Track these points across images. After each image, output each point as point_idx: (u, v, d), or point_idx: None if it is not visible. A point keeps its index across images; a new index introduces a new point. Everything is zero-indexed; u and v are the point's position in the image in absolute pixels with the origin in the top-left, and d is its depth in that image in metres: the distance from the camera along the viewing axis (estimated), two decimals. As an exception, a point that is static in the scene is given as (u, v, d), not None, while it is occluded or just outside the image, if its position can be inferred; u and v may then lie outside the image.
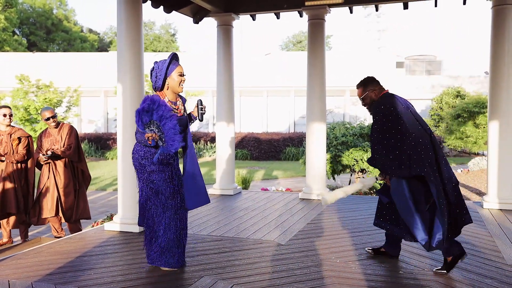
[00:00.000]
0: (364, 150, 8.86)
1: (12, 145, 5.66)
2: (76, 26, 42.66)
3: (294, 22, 75.92)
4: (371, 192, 8.41)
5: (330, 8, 6.93)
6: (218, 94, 7.48)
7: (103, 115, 24.98)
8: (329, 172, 9.26)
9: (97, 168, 15.43)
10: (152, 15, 65.78)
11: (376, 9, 7.94)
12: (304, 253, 4.19)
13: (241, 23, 60.38)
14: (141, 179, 3.70)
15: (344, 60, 23.86)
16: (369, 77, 3.85)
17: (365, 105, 3.85)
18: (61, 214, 5.83)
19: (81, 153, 5.99)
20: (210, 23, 17.20)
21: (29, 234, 6.22)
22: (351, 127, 10.02)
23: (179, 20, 73.10)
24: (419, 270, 3.69)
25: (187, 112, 3.89)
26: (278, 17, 7.74)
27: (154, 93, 3.72)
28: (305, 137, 7.36)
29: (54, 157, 5.78)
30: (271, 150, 19.36)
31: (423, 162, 3.44)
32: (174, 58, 3.71)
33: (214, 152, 19.03)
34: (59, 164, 5.84)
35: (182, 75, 3.70)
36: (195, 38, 71.59)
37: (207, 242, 4.59)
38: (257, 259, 4.03)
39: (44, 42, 38.97)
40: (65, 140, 5.85)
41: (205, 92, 22.75)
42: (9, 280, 3.56)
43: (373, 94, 3.79)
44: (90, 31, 46.61)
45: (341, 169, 9.29)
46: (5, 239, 5.78)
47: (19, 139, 5.72)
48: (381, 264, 3.85)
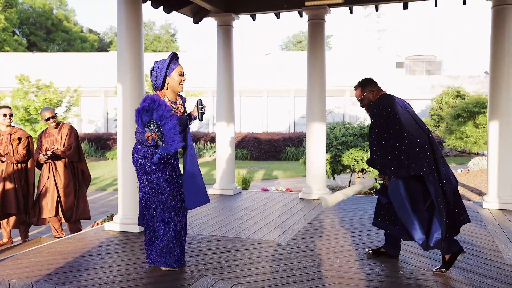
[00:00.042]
0: (364, 150, 8.86)
1: (12, 145, 5.67)
2: (76, 26, 42.67)
3: (294, 22, 75.99)
4: (371, 192, 8.41)
5: (330, 8, 6.94)
6: (218, 94, 7.48)
7: (103, 115, 24.99)
8: (329, 172, 9.26)
9: (97, 168, 15.44)
10: (152, 15, 65.88)
11: (376, 9, 7.94)
12: (304, 253, 4.19)
13: (241, 23, 60.40)
14: (141, 179, 3.71)
15: (344, 60, 23.86)
16: (367, 78, 3.87)
17: (363, 106, 3.87)
18: (61, 214, 5.83)
19: (81, 153, 5.99)
20: (210, 23, 17.18)
21: (29, 234, 6.22)
22: (351, 127, 10.02)
23: (179, 20, 73.20)
24: (419, 270, 3.69)
25: (187, 112, 3.90)
26: (278, 17, 7.75)
27: (154, 93, 3.72)
28: (305, 137, 7.36)
29: (54, 157, 5.78)
30: (271, 150, 19.37)
31: (422, 162, 3.45)
32: (174, 58, 3.71)
33: (214, 152, 19.03)
34: (59, 164, 5.84)
35: (182, 75, 3.70)
36: (195, 38, 71.66)
37: (207, 242, 4.59)
38: (257, 259, 4.04)
39: (44, 42, 38.98)
40: (65, 140, 5.85)
41: (205, 92, 22.75)
42: (9, 280, 3.56)
43: (371, 95, 3.80)
44: (90, 31, 46.62)
45: (341, 169, 9.29)
46: (5, 239, 5.78)
47: (19, 139, 5.72)
48: (381, 264, 3.85)
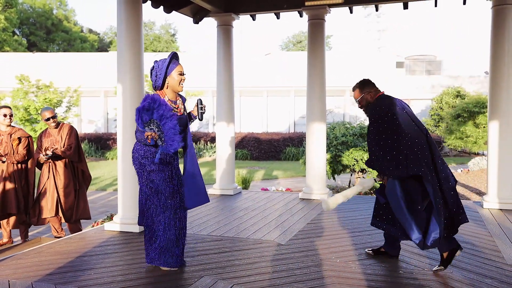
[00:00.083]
0: (364, 150, 8.86)
1: (13, 145, 5.67)
2: (76, 26, 42.67)
3: (294, 22, 75.99)
4: (371, 192, 8.41)
5: (330, 8, 6.94)
6: (218, 94, 7.48)
7: (103, 115, 24.98)
8: (329, 172, 9.26)
9: (97, 168, 15.43)
10: (152, 15, 65.88)
11: (376, 9, 7.94)
12: (304, 253, 4.19)
13: (241, 23, 60.45)
14: (141, 179, 3.71)
15: (344, 60, 23.86)
16: (365, 79, 3.89)
17: (362, 107, 3.89)
18: (61, 214, 5.83)
19: (81, 153, 5.99)
20: (210, 23, 17.19)
21: (29, 234, 6.22)
22: (351, 127, 10.02)
23: (179, 20, 73.22)
24: (419, 270, 3.69)
25: (187, 111, 3.90)
26: (278, 17, 7.75)
27: (154, 92, 3.72)
28: (305, 137, 7.36)
29: (54, 157, 5.78)
30: (271, 150, 19.36)
31: (420, 162, 3.47)
32: (174, 57, 3.71)
33: (214, 152, 19.03)
34: (59, 165, 5.84)
35: (182, 74, 3.70)
36: (195, 38, 71.67)
37: (207, 242, 4.59)
38: (257, 259, 4.04)
39: (44, 42, 38.98)
40: (65, 140, 5.85)
41: (205, 92, 22.75)
42: (9, 280, 3.56)
43: (369, 96, 3.82)
44: (90, 31, 46.62)
45: (341, 169, 9.29)
46: (5, 239, 5.78)
47: (19, 139, 5.72)
48: (381, 264, 3.85)
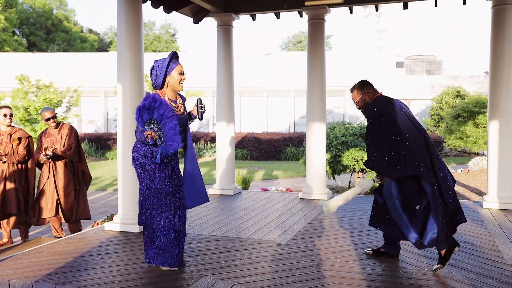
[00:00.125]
0: (364, 150, 8.86)
1: (13, 146, 5.67)
2: (76, 26, 42.66)
3: (294, 22, 75.97)
4: (372, 193, 8.40)
5: (330, 8, 6.94)
6: (218, 94, 7.48)
7: (103, 115, 24.98)
8: (329, 172, 9.26)
9: (97, 168, 15.44)
10: (152, 15, 65.86)
11: (376, 9, 7.94)
12: (304, 253, 4.20)
13: (241, 23, 60.44)
14: (141, 178, 3.71)
15: (344, 60, 23.85)
16: (363, 81, 3.91)
17: (360, 108, 3.91)
18: (61, 214, 5.83)
19: (82, 153, 5.99)
20: (210, 23, 17.19)
21: (29, 234, 6.22)
22: (351, 127, 10.02)
23: (179, 20, 73.18)
24: (419, 270, 3.69)
25: (187, 111, 3.90)
26: (278, 17, 7.75)
27: (155, 92, 3.72)
28: (305, 137, 7.36)
29: (55, 158, 5.78)
30: (271, 150, 19.36)
31: (419, 162, 3.48)
32: (174, 57, 3.72)
33: (214, 152, 19.03)
34: (59, 165, 5.84)
35: (182, 74, 3.71)
36: (195, 38, 71.65)
37: (207, 242, 4.59)
38: (257, 259, 4.04)
39: (44, 43, 38.97)
40: (65, 140, 5.85)
41: (205, 92, 22.75)
42: (9, 280, 3.56)
43: (367, 97, 3.83)
44: (90, 31, 46.61)
45: (341, 169, 9.29)
46: (5, 239, 5.79)
47: (20, 140, 5.72)
48: (381, 264, 3.85)
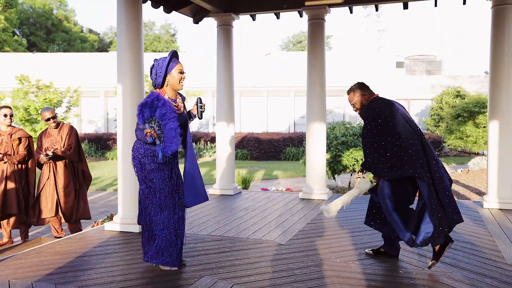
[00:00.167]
0: (364, 150, 8.86)
1: (13, 146, 5.67)
2: (76, 27, 42.66)
3: (294, 22, 75.98)
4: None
5: (330, 8, 6.94)
6: (218, 94, 7.49)
7: (103, 115, 24.97)
8: (329, 172, 9.26)
9: (97, 168, 15.44)
10: (152, 15, 65.85)
11: (376, 9, 7.94)
12: (304, 253, 4.20)
13: (241, 23, 60.43)
14: (140, 178, 3.71)
15: (344, 60, 23.84)
16: (359, 83, 3.95)
17: (357, 110, 3.95)
18: (61, 214, 5.83)
19: (82, 153, 5.99)
20: (210, 23, 17.20)
21: (29, 234, 6.22)
22: (351, 127, 10.02)
23: (179, 20, 73.18)
24: (419, 270, 3.69)
25: (187, 110, 3.91)
26: (278, 17, 7.75)
27: (155, 91, 3.72)
28: (305, 137, 7.36)
29: (55, 158, 5.78)
30: (271, 150, 19.36)
31: (415, 163, 3.49)
32: (174, 56, 3.72)
33: (214, 152, 19.03)
34: (59, 165, 5.84)
35: (182, 73, 3.71)
36: (195, 38, 71.65)
37: (207, 242, 4.59)
38: (257, 259, 4.04)
39: (44, 43, 38.97)
40: (65, 140, 5.85)
41: (205, 92, 22.75)
42: (9, 280, 3.56)
43: (363, 99, 3.87)
44: (90, 31, 46.61)
45: (341, 169, 9.29)
46: (6, 240, 5.79)
47: (20, 140, 5.72)
48: (381, 264, 3.85)
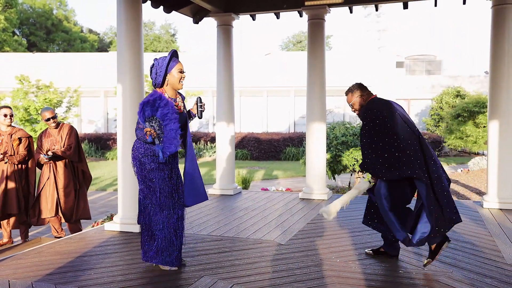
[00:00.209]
0: (364, 150, 8.86)
1: (13, 146, 5.67)
2: (76, 27, 42.65)
3: (294, 22, 75.94)
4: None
5: (330, 8, 6.94)
6: (218, 94, 7.49)
7: (103, 115, 24.97)
8: (329, 172, 9.26)
9: (97, 168, 15.43)
10: (152, 15, 65.81)
11: (376, 9, 7.94)
12: (304, 253, 4.20)
13: (241, 23, 60.42)
14: (140, 177, 3.71)
15: (344, 60, 23.83)
16: (357, 83, 3.97)
17: (355, 111, 3.97)
18: (61, 214, 5.83)
19: (82, 153, 5.99)
20: (210, 23, 17.20)
21: (29, 234, 6.22)
22: (351, 127, 10.02)
23: (179, 20, 73.13)
24: (419, 270, 3.69)
25: (187, 109, 3.91)
26: (278, 17, 7.75)
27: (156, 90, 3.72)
28: (305, 137, 7.36)
29: (55, 158, 5.78)
30: (271, 150, 19.36)
31: (414, 164, 3.49)
32: (174, 55, 3.72)
33: (214, 152, 19.03)
34: (59, 165, 5.84)
35: (182, 72, 3.71)
36: (195, 38, 71.62)
37: (207, 242, 4.60)
38: (257, 259, 4.04)
39: (44, 43, 38.96)
40: (65, 140, 5.85)
41: (205, 92, 22.75)
42: (9, 280, 3.57)
43: (362, 100, 3.89)
44: (90, 31, 46.60)
45: (341, 169, 9.29)
46: (6, 240, 5.79)
47: (20, 140, 5.72)
48: (381, 264, 3.85)
